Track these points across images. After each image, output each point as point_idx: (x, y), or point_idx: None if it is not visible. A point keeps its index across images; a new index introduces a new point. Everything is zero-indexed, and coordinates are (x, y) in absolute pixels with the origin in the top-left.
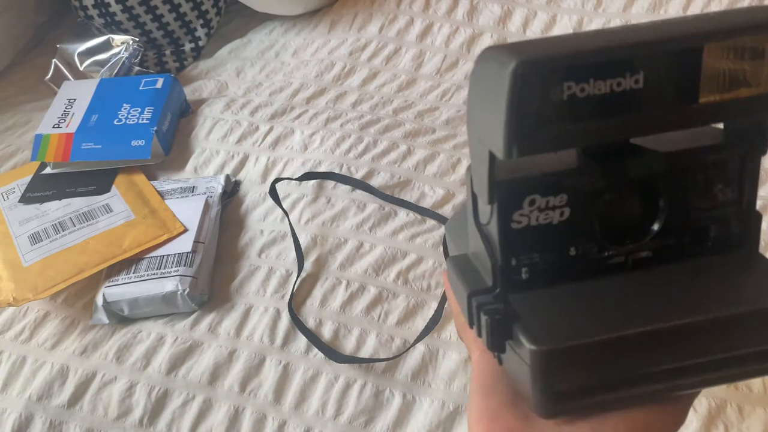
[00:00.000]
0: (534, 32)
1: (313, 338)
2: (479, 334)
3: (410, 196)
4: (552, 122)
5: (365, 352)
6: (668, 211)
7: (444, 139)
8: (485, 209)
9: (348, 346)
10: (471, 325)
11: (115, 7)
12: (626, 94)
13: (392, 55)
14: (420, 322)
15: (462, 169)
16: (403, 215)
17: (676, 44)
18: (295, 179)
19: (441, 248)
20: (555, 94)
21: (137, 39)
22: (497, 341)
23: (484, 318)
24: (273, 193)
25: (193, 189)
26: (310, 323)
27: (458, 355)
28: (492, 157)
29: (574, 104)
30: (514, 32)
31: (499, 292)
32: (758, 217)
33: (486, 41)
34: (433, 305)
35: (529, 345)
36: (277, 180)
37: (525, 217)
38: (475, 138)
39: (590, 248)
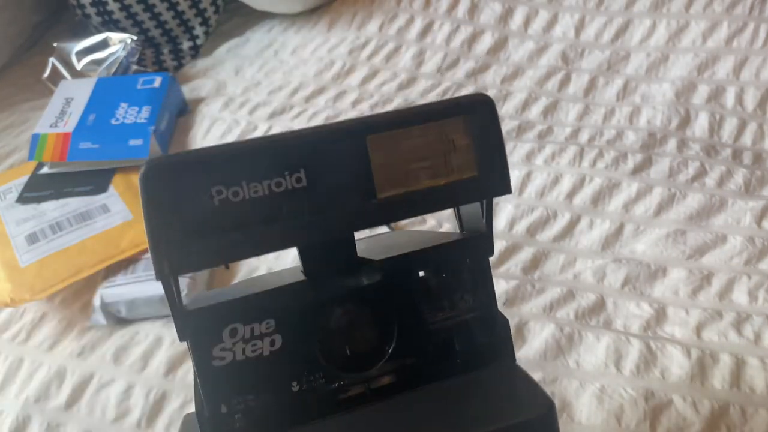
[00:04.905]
0: (535, 30)
1: None
2: None
3: None
4: (209, 232)
5: None
6: (400, 325)
7: None
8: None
9: None
10: None
11: (113, 6)
12: (290, 194)
13: (392, 54)
14: None
15: None
16: None
17: (335, 136)
18: None
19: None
20: (204, 201)
21: (135, 38)
22: None
23: None
24: None
25: None
26: None
27: None
28: (166, 281)
29: (229, 210)
30: (515, 30)
31: None
32: (504, 324)
33: (487, 40)
34: None
35: None
36: None
37: (228, 352)
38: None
39: (317, 380)
